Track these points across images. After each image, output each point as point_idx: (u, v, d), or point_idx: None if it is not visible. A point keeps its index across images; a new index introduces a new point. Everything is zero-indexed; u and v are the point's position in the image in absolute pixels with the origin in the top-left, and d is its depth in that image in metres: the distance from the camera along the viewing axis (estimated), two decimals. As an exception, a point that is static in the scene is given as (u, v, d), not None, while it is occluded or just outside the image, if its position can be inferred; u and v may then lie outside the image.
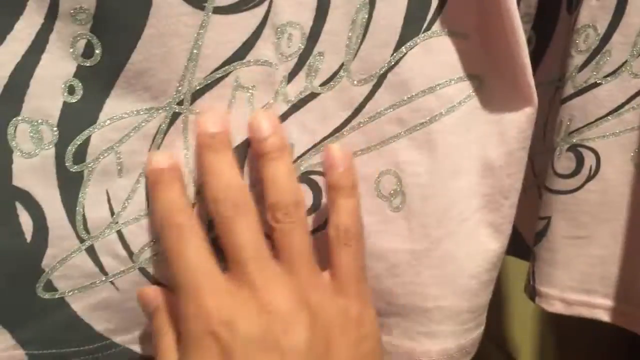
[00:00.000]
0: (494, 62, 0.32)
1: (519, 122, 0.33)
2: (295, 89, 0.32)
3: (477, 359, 0.37)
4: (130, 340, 0.33)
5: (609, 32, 0.36)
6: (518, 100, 0.33)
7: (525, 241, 0.45)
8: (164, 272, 0.32)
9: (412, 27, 0.32)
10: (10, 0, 0.28)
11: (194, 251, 0.30)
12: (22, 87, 0.29)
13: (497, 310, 0.38)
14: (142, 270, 0.32)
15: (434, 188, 0.33)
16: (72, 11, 0.28)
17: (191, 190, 0.32)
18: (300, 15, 0.31)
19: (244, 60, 0.31)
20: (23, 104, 0.29)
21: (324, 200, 0.34)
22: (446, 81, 0.32)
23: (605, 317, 0.40)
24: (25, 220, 0.30)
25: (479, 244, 0.34)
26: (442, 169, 0.33)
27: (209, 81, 0.31)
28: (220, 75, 0.31)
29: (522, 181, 0.35)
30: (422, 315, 0.34)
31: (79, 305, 0.32)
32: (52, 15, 0.28)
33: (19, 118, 0.29)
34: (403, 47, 0.32)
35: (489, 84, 0.33)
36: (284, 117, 0.32)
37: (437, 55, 0.32)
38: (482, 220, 0.34)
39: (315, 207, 0.34)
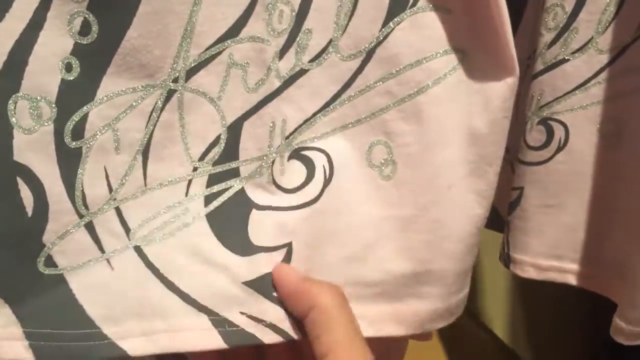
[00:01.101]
0: (478, 35, 0.34)
1: (502, 91, 0.34)
2: (286, 66, 0.33)
3: (453, 330, 0.39)
4: (119, 335, 0.32)
5: (575, 11, 0.38)
6: (501, 71, 0.34)
7: (500, 214, 0.47)
8: (157, 251, 0.33)
9: (399, 3, 0.33)
10: None
11: None
12: (21, 64, 0.29)
13: (472, 282, 0.40)
14: (137, 249, 0.32)
15: (422, 157, 0.34)
16: None
17: (188, 163, 0.32)
18: None
19: (237, 38, 0.31)
20: (22, 81, 0.29)
21: (316, 175, 0.34)
22: (432, 54, 0.33)
23: (574, 281, 0.42)
24: (26, 195, 0.30)
25: (466, 209, 0.35)
26: (430, 138, 0.34)
27: (203, 58, 0.31)
28: (215, 52, 0.31)
29: (504, 149, 0.36)
30: (412, 279, 0.35)
31: (75, 284, 0.32)
32: None
33: (19, 94, 0.30)
34: (391, 23, 0.33)
35: (473, 56, 0.34)
36: (276, 93, 0.33)
37: (423, 29, 0.33)
38: (468, 186, 0.35)
39: (307, 181, 0.34)
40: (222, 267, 0.33)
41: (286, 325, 0.33)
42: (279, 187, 0.34)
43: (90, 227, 0.32)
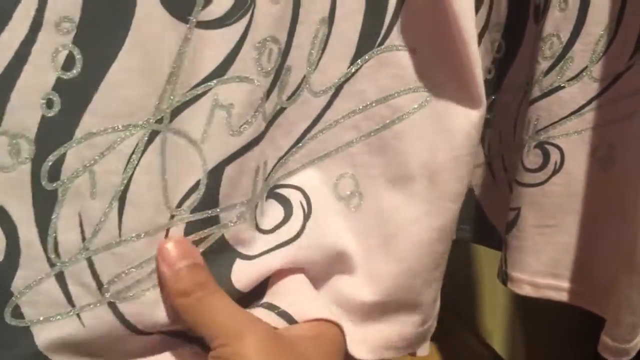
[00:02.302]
0: (444, 70, 0.34)
1: (467, 129, 0.35)
2: (269, 106, 0.32)
3: (453, 345, 0.41)
4: None
5: (571, 41, 0.40)
6: (465, 108, 0.35)
7: (498, 233, 0.48)
8: (133, 310, 0.31)
9: (367, 42, 0.34)
10: None
11: None
12: (2, 100, 0.28)
13: (471, 298, 0.41)
14: (111, 306, 0.30)
15: (387, 190, 0.35)
16: (57, 20, 0.28)
17: (166, 211, 0.31)
18: (278, 30, 0.31)
19: (224, 77, 0.30)
20: (4, 117, 0.28)
21: (294, 210, 0.35)
22: (397, 92, 0.35)
23: (568, 298, 0.44)
24: None
25: (426, 245, 0.36)
26: (394, 172, 0.35)
27: (189, 97, 0.30)
28: (200, 91, 0.30)
29: (467, 185, 0.37)
30: (372, 307, 0.36)
31: (43, 339, 0.30)
32: (36, 25, 0.28)
33: None
34: (359, 60, 0.34)
35: (439, 92, 0.35)
36: (262, 135, 0.32)
37: (389, 68, 0.34)
38: (430, 223, 0.36)
39: (285, 220, 0.35)
40: None
41: None
42: (259, 229, 0.34)
43: (60, 278, 0.30)
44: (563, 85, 0.41)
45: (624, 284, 0.38)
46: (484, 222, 0.48)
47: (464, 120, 0.35)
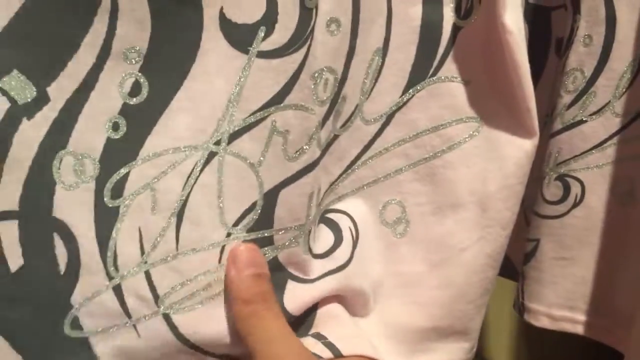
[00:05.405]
0: (497, 101, 0.35)
1: (518, 158, 0.35)
2: (324, 134, 0.33)
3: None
4: None
5: (594, 76, 0.40)
6: (520, 134, 0.35)
7: (512, 262, 0.48)
8: (186, 323, 0.31)
9: (419, 73, 0.35)
10: (65, 40, 0.29)
11: None
12: (70, 122, 0.30)
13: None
14: (166, 317, 0.31)
15: (435, 217, 0.36)
16: (124, 50, 0.29)
17: (222, 229, 0.31)
18: (334, 61, 0.32)
19: (281, 105, 0.31)
20: (70, 138, 0.30)
21: (344, 236, 0.35)
22: (448, 122, 0.35)
23: (584, 331, 0.44)
24: (61, 252, 0.30)
25: (477, 272, 0.36)
26: (443, 200, 0.36)
27: (248, 123, 0.31)
28: (259, 117, 0.31)
29: (517, 213, 0.37)
30: (420, 334, 0.37)
31: (100, 348, 0.31)
32: (104, 54, 0.29)
33: (65, 151, 0.30)
34: (411, 90, 0.35)
35: (491, 122, 0.35)
36: (316, 162, 0.33)
37: (441, 98, 0.35)
38: (481, 250, 0.36)
39: (337, 244, 0.35)
40: None
41: None
42: (313, 254, 0.34)
43: (118, 290, 0.31)
44: (585, 119, 0.41)
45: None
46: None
47: (516, 149, 0.35)
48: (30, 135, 0.29)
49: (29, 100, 0.29)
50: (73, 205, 0.30)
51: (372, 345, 0.34)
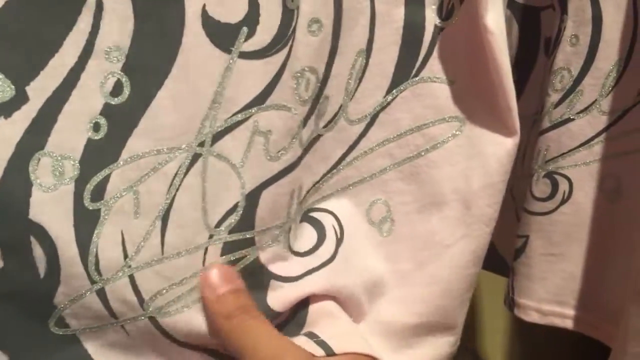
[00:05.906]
0: (479, 100, 0.35)
1: (500, 155, 0.36)
2: (306, 133, 0.33)
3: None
4: None
5: (581, 75, 0.41)
6: (501, 133, 0.36)
7: (502, 258, 0.49)
8: (173, 325, 0.31)
9: (402, 73, 0.35)
10: (47, 38, 0.28)
11: None
12: (49, 122, 0.29)
13: (471, 320, 0.42)
14: (152, 320, 0.31)
15: (420, 215, 0.36)
16: (106, 49, 0.29)
17: (205, 231, 0.31)
18: (316, 61, 0.32)
19: (264, 105, 0.31)
20: (49, 138, 0.29)
21: (328, 234, 0.36)
22: (431, 122, 0.36)
23: (573, 326, 0.45)
24: (39, 255, 0.29)
25: (462, 268, 0.37)
26: (427, 199, 0.36)
27: (230, 123, 0.31)
28: (242, 118, 0.31)
29: (499, 210, 0.38)
30: (407, 330, 0.37)
31: (91, 344, 0.31)
32: (86, 53, 0.29)
33: (44, 152, 0.29)
34: (394, 90, 0.35)
35: (474, 121, 0.36)
36: (298, 161, 0.33)
37: (424, 98, 0.35)
38: (466, 247, 0.37)
39: (319, 243, 0.35)
40: None
41: None
42: (293, 252, 0.34)
43: (102, 294, 0.30)
44: (573, 117, 0.42)
45: (632, 315, 0.39)
46: (490, 247, 0.49)
47: (498, 148, 0.35)
48: (6, 134, 0.28)
49: (7, 99, 0.28)
50: (51, 208, 0.29)
51: (367, 342, 0.35)
